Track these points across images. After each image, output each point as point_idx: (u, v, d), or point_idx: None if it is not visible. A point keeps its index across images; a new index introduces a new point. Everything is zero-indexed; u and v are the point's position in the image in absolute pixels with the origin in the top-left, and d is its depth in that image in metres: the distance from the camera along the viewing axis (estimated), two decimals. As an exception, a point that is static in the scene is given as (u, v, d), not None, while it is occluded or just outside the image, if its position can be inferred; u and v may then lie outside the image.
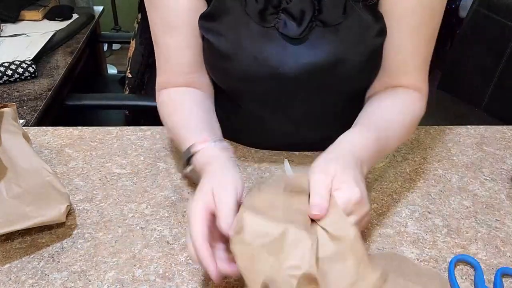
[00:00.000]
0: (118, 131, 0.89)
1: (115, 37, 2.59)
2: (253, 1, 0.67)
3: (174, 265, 0.61)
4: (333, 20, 0.66)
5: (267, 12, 0.67)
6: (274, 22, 0.67)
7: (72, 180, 0.76)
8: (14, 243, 0.64)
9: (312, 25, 0.67)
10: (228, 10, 0.68)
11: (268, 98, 0.74)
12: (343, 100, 0.76)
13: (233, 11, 0.68)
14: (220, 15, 0.68)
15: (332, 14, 0.66)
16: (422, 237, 0.66)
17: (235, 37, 0.68)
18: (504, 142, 0.88)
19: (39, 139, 0.86)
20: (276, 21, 0.67)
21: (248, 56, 0.68)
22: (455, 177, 0.78)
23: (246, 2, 0.67)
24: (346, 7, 0.66)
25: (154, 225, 0.67)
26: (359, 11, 0.66)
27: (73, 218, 0.68)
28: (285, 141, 0.82)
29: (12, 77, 1.34)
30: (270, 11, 0.67)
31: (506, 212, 0.71)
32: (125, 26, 3.32)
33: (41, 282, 0.59)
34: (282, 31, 0.67)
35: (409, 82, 0.72)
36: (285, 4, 0.66)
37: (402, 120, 0.69)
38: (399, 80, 0.72)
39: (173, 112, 0.73)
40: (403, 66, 0.71)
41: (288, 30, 0.67)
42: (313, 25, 0.67)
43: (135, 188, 0.74)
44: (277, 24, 0.67)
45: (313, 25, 0.67)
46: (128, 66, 1.56)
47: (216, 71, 0.74)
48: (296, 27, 0.67)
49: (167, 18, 0.70)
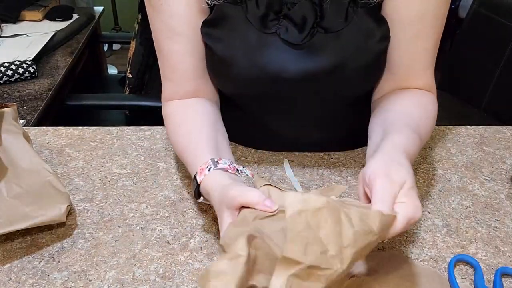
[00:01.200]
0: (118, 131, 0.89)
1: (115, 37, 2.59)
2: (254, 7, 0.66)
3: (174, 265, 0.61)
4: (335, 27, 0.66)
5: (268, 18, 0.66)
6: (275, 28, 0.67)
7: (73, 180, 0.76)
8: (14, 243, 0.64)
9: (313, 31, 0.66)
10: (229, 16, 0.67)
11: (269, 103, 0.74)
12: (344, 105, 0.76)
13: (234, 17, 0.67)
14: (221, 21, 0.68)
15: (334, 21, 0.66)
16: (422, 237, 0.66)
17: (236, 43, 0.68)
18: (503, 142, 0.88)
19: (39, 139, 0.86)
20: (278, 27, 0.67)
21: (248, 62, 0.68)
22: (454, 177, 0.78)
23: (247, 8, 0.66)
24: (348, 14, 0.66)
25: (154, 225, 0.67)
26: (361, 17, 0.66)
27: (73, 218, 0.68)
28: (286, 144, 0.82)
29: (13, 77, 1.34)
30: (271, 17, 0.66)
31: (505, 212, 0.71)
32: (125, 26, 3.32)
33: (42, 282, 0.59)
34: (284, 37, 0.66)
35: (418, 83, 0.72)
36: (287, 10, 0.66)
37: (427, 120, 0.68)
38: (409, 82, 0.72)
39: (177, 129, 0.71)
40: (411, 69, 0.71)
41: (289, 36, 0.66)
42: (315, 31, 0.66)
43: (135, 188, 0.74)
44: (278, 30, 0.67)
45: (315, 31, 0.66)
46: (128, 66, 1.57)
47: (217, 77, 0.74)
48: (297, 34, 0.66)
49: (171, 23, 0.69)
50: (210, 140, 0.66)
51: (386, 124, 0.65)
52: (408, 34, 0.68)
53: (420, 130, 0.64)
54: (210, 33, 0.69)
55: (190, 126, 0.70)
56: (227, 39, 0.68)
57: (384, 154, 0.55)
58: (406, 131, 0.61)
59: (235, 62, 0.68)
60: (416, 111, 0.68)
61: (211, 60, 0.71)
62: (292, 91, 0.70)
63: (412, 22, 0.67)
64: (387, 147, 0.57)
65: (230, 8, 0.67)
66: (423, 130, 0.65)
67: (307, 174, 0.78)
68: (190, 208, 0.71)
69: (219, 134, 0.70)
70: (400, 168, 0.52)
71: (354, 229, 0.46)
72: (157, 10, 0.69)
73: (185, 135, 0.69)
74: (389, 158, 0.54)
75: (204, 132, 0.68)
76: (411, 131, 0.61)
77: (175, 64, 0.72)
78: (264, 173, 0.78)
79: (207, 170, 0.60)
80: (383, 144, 0.58)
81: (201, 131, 0.68)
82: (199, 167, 0.61)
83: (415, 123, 0.64)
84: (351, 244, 0.45)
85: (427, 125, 0.68)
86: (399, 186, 0.50)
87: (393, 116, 0.66)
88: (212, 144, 0.66)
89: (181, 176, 0.77)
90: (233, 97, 0.77)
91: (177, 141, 0.70)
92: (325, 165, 0.80)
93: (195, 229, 0.67)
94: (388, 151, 0.56)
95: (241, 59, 0.68)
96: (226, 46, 0.68)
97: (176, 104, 0.74)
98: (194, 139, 0.67)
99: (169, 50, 0.71)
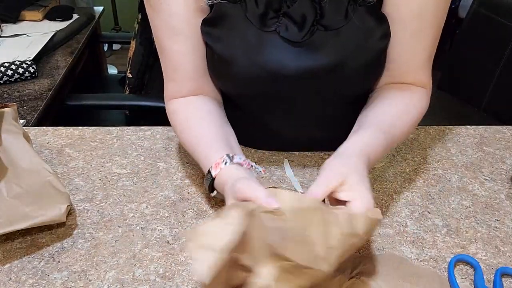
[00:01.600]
0: (118, 131, 0.89)
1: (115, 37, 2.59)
2: (253, 5, 0.66)
3: (174, 265, 0.61)
4: (335, 24, 0.66)
5: (268, 17, 0.67)
6: (275, 26, 0.67)
7: (73, 180, 0.76)
8: (14, 243, 0.64)
9: (313, 29, 0.66)
10: (228, 15, 0.67)
11: (269, 103, 0.74)
12: (345, 103, 0.76)
13: (233, 16, 0.67)
14: (220, 20, 0.68)
15: (334, 18, 0.66)
16: (422, 237, 0.66)
17: (235, 42, 0.68)
18: (503, 142, 0.88)
19: (39, 139, 0.86)
20: (277, 25, 0.67)
21: (248, 61, 0.68)
22: (454, 177, 0.78)
23: (247, 7, 0.67)
24: (348, 12, 0.66)
25: (154, 225, 0.67)
26: (361, 15, 0.66)
27: (73, 218, 0.68)
28: (286, 143, 0.82)
29: (13, 77, 1.34)
30: (270, 15, 0.67)
31: (505, 212, 0.71)
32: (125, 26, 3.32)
33: (42, 282, 0.59)
34: (283, 35, 0.67)
35: (414, 79, 0.73)
36: (286, 8, 0.66)
37: (406, 118, 0.70)
38: (404, 78, 0.73)
39: (185, 127, 0.72)
40: (407, 65, 0.71)
41: (289, 34, 0.67)
42: (315, 29, 0.66)
43: (135, 188, 0.74)
44: (278, 28, 0.67)
45: (315, 29, 0.66)
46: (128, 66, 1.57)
47: (218, 76, 0.74)
48: (297, 32, 0.66)
49: (171, 22, 0.69)
50: (221, 136, 0.68)
51: (359, 124, 0.68)
52: (407, 32, 0.68)
53: (394, 129, 0.67)
54: (209, 32, 0.69)
55: (199, 123, 0.71)
56: (227, 38, 0.68)
57: (338, 152, 0.60)
58: (370, 131, 0.64)
59: (235, 61, 0.68)
60: (393, 110, 0.69)
61: (211, 60, 0.71)
62: (292, 89, 0.70)
63: (412, 20, 0.67)
64: (344, 145, 0.61)
65: (229, 7, 0.67)
66: (399, 129, 0.68)
67: (307, 174, 0.78)
68: (190, 208, 0.71)
69: (229, 131, 0.72)
70: (345, 162, 0.56)
71: (341, 230, 0.48)
72: (156, 10, 0.69)
73: (195, 132, 0.70)
74: (339, 154, 0.59)
75: (213, 129, 0.70)
76: (376, 130, 0.64)
77: (177, 63, 0.72)
78: (264, 173, 0.78)
79: (223, 164, 0.62)
80: (343, 143, 0.62)
81: (210, 128, 0.70)
82: (214, 162, 0.63)
83: (389, 122, 0.67)
84: (338, 246, 0.48)
85: (406, 122, 0.69)
86: (339, 176, 0.54)
87: (367, 115, 0.69)
88: (224, 141, 0.68)
89: (181, 176, 0.77)
90: (233, 97, 0.77)
91: (186, 138, 0.71)
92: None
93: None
94: (343, 151, 0.60)
95: (240, 58, 0.68)
96: (225, 45, 0.68)
97: (180, 101, 0.74)
98: (205, 135, 0.69)
99: (170, 50, 0.71)
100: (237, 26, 0.67)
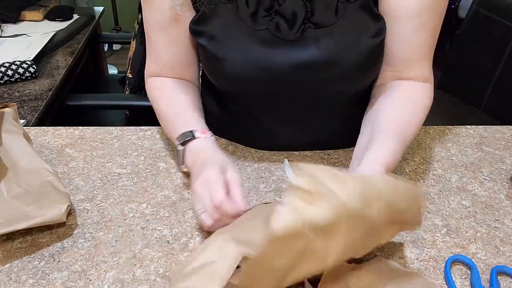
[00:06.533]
0: (118, 131, 0.89)
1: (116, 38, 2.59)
2: (244, 5, 0.67)
3: (174, 264, 0.61)
4: (326, 22, 0.67)
5: (259, 15, 0.68)
6: (266, 24, 0.67)
7: (73, 180, 0.76)
8: (14, 243, 0.64)
9: (304, 27, 0.67)
10: (220, 14, 0.68)
11: (265, 100, 0.75)
12: (342, 101, 0.76)
13: (225, 14, 0.68)
14: (212, 19, 0.69)
15: (325, 16, 0.66)
16: (422, 236, 0.66)
17: (228, 40, 0.69)
18: (503, 142, 0.88)
19: (39, 139, 0.86)
20: (269, 23, 0.67)
21: (241, 59, 0.68)
22: (454, 177, 0.78)
23: (238, 6, 0.67)
24: (338, 8, 0.66)
25: (155, 224, 0.68)
26: (354, 12, 0.66)
27: (73, 218, 0.68)
28: (285, 143, 0.82)
29: (13, 77, 1.34)
30: (262, 14, 0.67)
31: (505, 212, 0.71)
32: (125, 26, 3.32)
33: (42, 281, 0.59)
34: (275, 34, 0.67)
35: (416, 74, 0.73)
36: (277, 6, 0.67)
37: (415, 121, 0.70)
38: (406, 73, 0.73)
39: (165, 98, 0.78)
40: (409, 61, 0.72)
41: (280, 32, 0.67)
42: (306, 27, 0.67)
43: (136, 188, 0.75)
44: (269, 26, 0.67)
45: (306, 27, 0.67)
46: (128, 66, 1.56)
47: (212, 74, 0.75)
48: (288, 29, 0.67)
49: (158, 19, 0.73)
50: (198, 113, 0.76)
51: (374, 128, 0.68)
52: (407, 28, 0.68)
53: (407, 134, 0.68)
54: (200, 31, 0.70)
55: (176, 101, 0.77)
56: (219, 37, 0.69)
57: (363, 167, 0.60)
58: (388, 143, 0.64)
59: (228, 60, 0.69)
60: (406, 113, 0.69)
61: (205, 58, 0.73)
62: (287, 87, 0.70)
63: (412, 16, 0.67)
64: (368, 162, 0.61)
65: (221, 6, 0.68)
66: (410, 132, 0.69)
67: (307, 174, 0.78)
68: (190, 208, 0.71)
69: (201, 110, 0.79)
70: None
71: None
72: (147, 6, 0.74)
73: (173, 107, 0.77)
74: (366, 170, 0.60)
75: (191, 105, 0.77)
76: (394, 141, 0.64)
77: (158, 53, 0.78)
78: (264, 173, 0.78)
79: (211, 135, 0.71)
80: (365, 157, 0.62)
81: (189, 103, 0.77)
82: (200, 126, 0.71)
83: (403, 128, 0.67)
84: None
85: (416, 123, 0.70)
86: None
87: (381, 120, 0.69)
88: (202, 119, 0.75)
89: (181, 176, 0.77)
90: (228, 94, 0.77)
91: (165, 109, 0.77)
92: (324, 164, 0.80)
93: (195, 229, 0.67)
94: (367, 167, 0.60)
95: (233, 56, 0.69)
96: (218, 44, 0.69)
97: (161, 78, 0.80)
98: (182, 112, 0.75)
99: (155, 41, 0.76)
100: (229, 25, 0.68)
